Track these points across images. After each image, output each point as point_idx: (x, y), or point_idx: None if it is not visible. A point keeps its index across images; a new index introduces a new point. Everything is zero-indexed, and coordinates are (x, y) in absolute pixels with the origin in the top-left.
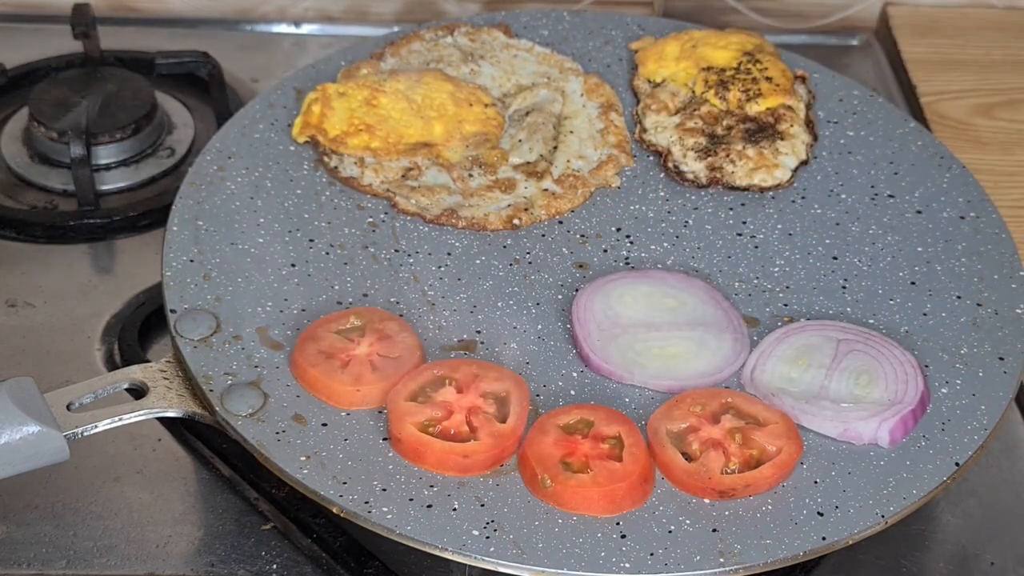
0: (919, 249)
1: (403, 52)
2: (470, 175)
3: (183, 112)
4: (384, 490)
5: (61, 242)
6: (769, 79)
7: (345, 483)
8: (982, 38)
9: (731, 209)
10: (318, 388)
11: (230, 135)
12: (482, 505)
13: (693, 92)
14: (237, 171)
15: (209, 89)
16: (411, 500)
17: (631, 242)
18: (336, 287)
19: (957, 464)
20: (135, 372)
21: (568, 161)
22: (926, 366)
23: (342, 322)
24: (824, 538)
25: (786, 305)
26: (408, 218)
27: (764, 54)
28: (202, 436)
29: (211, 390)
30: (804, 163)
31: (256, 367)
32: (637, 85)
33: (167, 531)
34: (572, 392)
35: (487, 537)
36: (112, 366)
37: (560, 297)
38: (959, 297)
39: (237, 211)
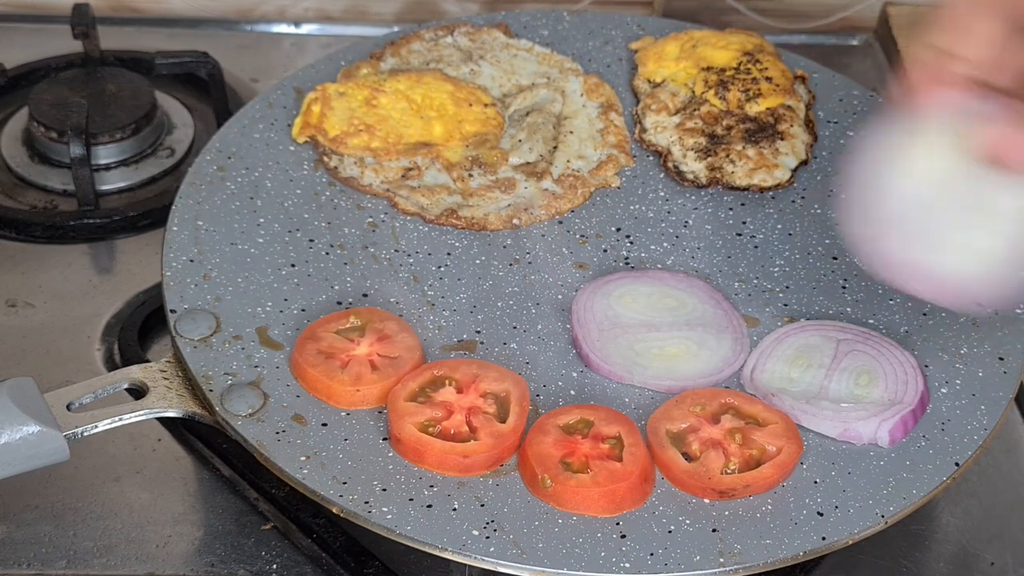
0: None
1: (403, 52)
2: (470, 175)
3: (183, 112)
4: (384, 490)
5: (61, 242)
6: (769, 79)
7: (345, 483)
8: None
9: (731, 209)
10: (318, 388)
11: (230, 135)
12: (482, 505)
13: (693, 92)
14: (237, 171)
15: (209, 89)
16: (411, 500)
17: (631, 242)
18: (336, 287)
19: (957, 464)
20: (135, 372)
21: (568, 161)
22: (926, 366)
23: (342, 322)
24: (824, 538)
25: (786, 305)
26: (408, 218)
27: (764, 54)
28: (202, 436)
29: (211, 390)
30: (804, 163)
31: (256, 367)
32: (637, 85)
33: (167, 531)
34: (572, 392)
35: (487, 537)
36: (112, 366)
37: (560, 297)
38: None
39: (237, 211)
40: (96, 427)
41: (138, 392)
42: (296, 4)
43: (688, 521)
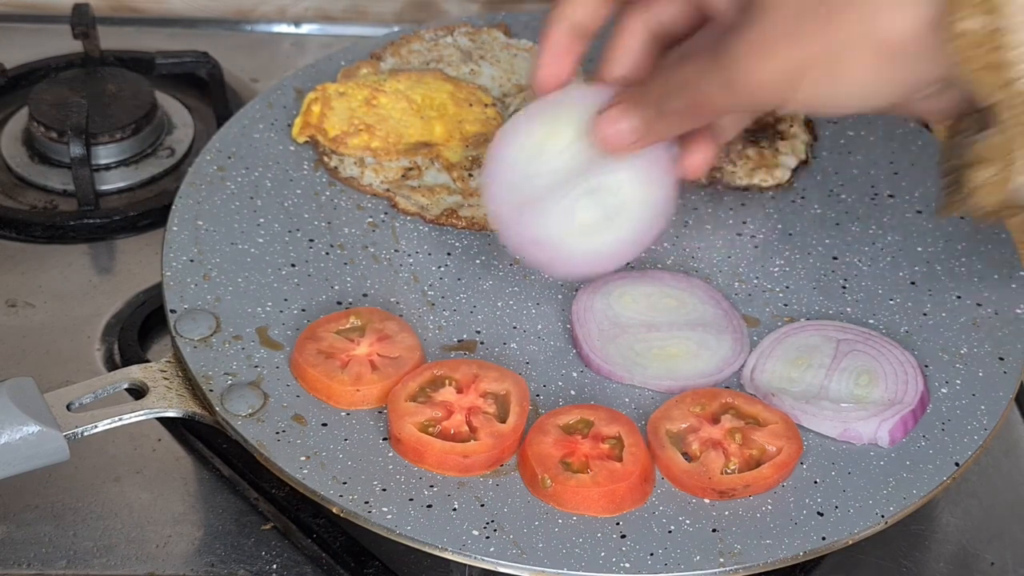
0: (919, 249)
1: (403, 52)
2: (470, 175)
3: (183, 112)
4: (384, 490)
5: (61, 242)
6: None
7: (345, 483)
8: None
9: (731, 209)
10: (318, 388)
11: (230, 135)
12: (482, 505)
13: None
14: (237, 171)
15: (209, 89)
16: (411, 500)
17: None
18: (336, 287)
19: (957, 464)
20: (135, 372)
21: None
22: (926, 366)
23: (342, 322)
24: (824, 538)
25: (786, 305)
26: (408, 218)
27: None
28: (202, 436)
29: (211, 390)
30: (804, 163)
31: (256, 367)
32: None
33: (167, 531)
34: (572, 392)
35: (487, 537)
36: (112, 366)
37: (560, 297)
38: (959, 297)
39: (237, 211)
40: (96, 427)
41: (138, 392)
42: (296, 4)
43: (688, 521)
